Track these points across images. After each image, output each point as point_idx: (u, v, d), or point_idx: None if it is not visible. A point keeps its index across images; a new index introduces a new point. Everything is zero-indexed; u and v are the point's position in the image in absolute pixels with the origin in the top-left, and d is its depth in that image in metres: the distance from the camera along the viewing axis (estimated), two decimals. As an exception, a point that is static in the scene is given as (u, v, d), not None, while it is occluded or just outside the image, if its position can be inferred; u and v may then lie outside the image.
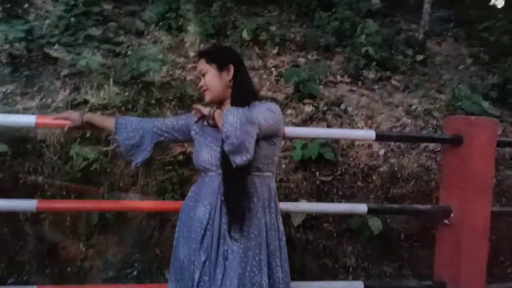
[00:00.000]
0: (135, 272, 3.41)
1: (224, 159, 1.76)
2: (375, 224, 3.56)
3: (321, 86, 4.51)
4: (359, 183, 3.75)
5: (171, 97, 3.93)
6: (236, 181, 1.75)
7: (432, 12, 6.07)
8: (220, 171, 1.82)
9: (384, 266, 3.76)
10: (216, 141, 1.86)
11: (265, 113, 1.76)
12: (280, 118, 1.85)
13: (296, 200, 3.68)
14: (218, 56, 1.96)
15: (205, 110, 1.90)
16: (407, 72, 5.54)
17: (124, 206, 2.67)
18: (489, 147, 2.93)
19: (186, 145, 3.65)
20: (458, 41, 7.39)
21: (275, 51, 5.37)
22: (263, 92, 4.46)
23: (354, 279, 3.69)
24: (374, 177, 3.75)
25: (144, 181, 3.49)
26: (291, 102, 4.23)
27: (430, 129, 4.20)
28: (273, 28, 5.58)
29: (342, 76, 5.06)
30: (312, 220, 3.67)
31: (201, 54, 2.01)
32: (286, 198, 3.66)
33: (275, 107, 1.84)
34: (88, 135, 3.39)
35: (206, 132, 1.95)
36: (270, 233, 1.85)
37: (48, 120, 2.50)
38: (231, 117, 1.65)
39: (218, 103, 1.96)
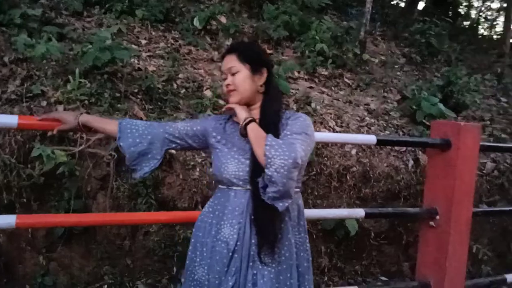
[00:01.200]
0: (105, 286, 3.07)
1: (254, 173, 1.61)
2: (352, 224, 3.57)
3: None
4: (333, 183, 3.73)
5: (136, 90, 3.57)
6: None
7: (362, 11, 6.21)
8: (249, 187, 1.65)
9: (355, 265, 3.81)
10: (244, 152, 1.70)
11: (304, 143, 1.61)
12: (314, 137, 1.72)
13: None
14: (254, 56, 1.76)
15: (241, 114, 1.71)
16: (354, 70, 5.66)
17: (119, 219, 2.35)
18: (474, 151, 3.07)
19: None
20: (386, 40, 7.74)
21: (228, 42, 5.14)
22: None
23: (329, 279, 3.70)
24: (348, 177, 3.75)
25: (114, 184, 3.13)
26: (259, 98, 4.07)
27: (392, 129, 4.31)
28: (223, 18, 5.34)
29: (299, 72, 5.01)
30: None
31: (232, 49, 1.78)
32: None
33: (310, 126, 1.70)
34: (50, 133, 2.94)
35: (230, 141, 1.76)
36: (299, 253, 1.74)
37: (32, 121, 2.13)
38: (278, 161, 1.49)
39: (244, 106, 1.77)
